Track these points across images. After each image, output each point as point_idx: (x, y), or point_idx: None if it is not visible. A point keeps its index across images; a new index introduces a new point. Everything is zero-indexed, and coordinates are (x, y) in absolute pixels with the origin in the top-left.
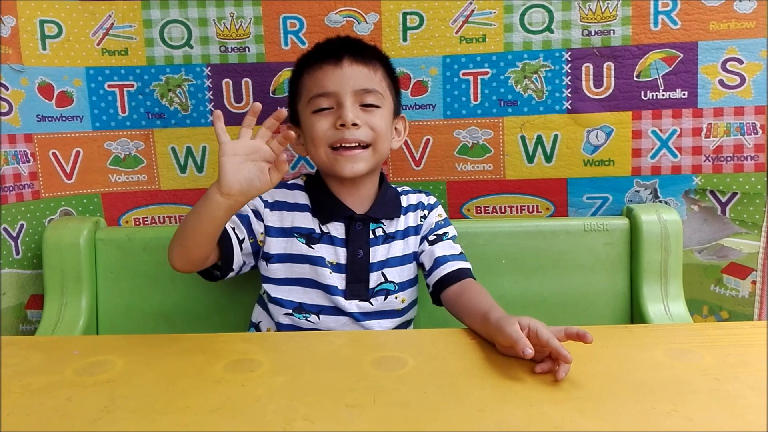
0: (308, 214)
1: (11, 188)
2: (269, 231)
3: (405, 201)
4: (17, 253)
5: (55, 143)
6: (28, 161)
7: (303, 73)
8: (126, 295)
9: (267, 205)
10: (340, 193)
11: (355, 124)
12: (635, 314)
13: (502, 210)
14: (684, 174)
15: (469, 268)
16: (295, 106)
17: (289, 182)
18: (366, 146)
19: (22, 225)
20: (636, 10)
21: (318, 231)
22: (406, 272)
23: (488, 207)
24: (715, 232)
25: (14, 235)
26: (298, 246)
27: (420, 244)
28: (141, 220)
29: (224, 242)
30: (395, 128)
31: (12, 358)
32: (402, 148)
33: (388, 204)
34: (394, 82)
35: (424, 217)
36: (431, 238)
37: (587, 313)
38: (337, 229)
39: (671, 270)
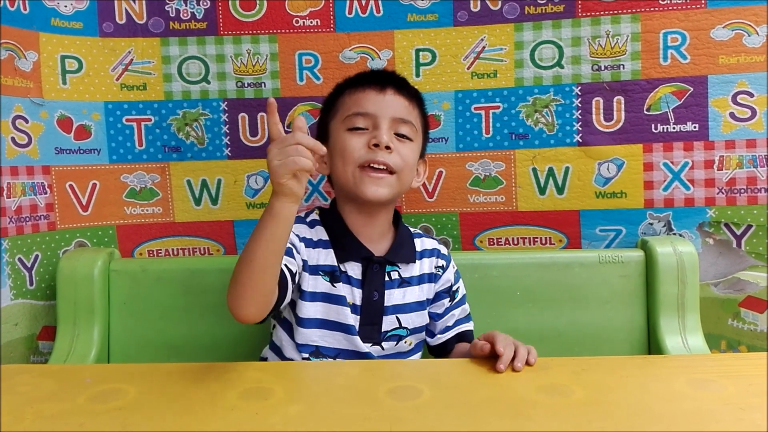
0: (330, 251)
1: (27, 219)
2: (304, 266)
3: (419, 245)
4: (31, 284)
5: (72, 175)
6: (45, 193)
7: (344, 93)
8: (138, 326)
9: (300, 239)
10: (356, 226)
11: (388, 147)
12: (653, 347)
13: (515, 242)
14: (697, 206)
15: (472, 330)
16: (326, 123)
17: (307, 219)
18: (392, 173)
19: (37, 256)
20: (645, 45)
21: (339, 270)
22: (420, 318)
23: (501, 238)
24: (731, 265)
25: (29, 265)
26: (323, 284)
27: (437, 298)
28: (155, 252)
29: (281, 279)
30: (417, 169)
31: (24, 385)
32: None
33: (404, 247)
34: (425, 124)
35: (442, 268)
36: (452, 293)
37: (604, 346)
38: (354, 269)
39: (688, 302)
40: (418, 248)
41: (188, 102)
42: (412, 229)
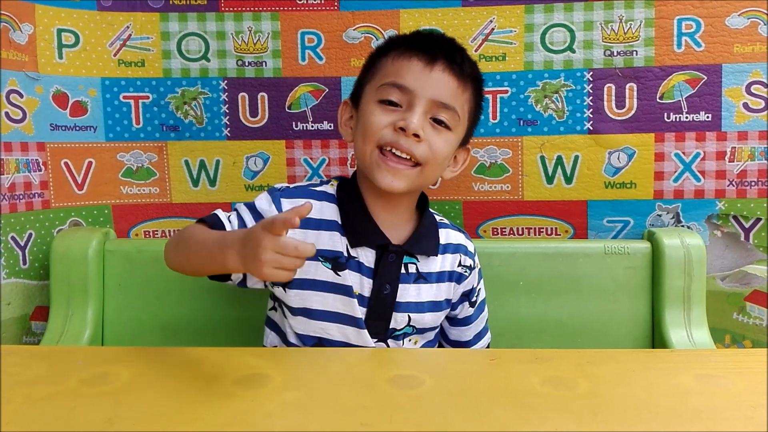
0: (336, 234)
1: (21, 197)
2: None
3: (444, 236)
4: (24, 263)
5: (67, 153)
6: (40, 170)
7: (389, 54)
8: (133, 308)
9: None
10: (375, 208)
11: (416, 135)
12: (657, 341)
13: (520, 232)
14: (707, 198)
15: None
16: (363, 83)
17: (317, 188)
18: (416, 164)
19: (30, 234)
20: (659, 31)
21: (345, 255)
22: (433, 319)
23: (505, 228)
24: (738, 259)
25: (22, 244)
26: (323, 272)
27: (460, 301)
28: (151, 233)
29: None
30: (455, 157)
31: (14, 366)
32: None
33: (426, 237)
34: (477, 109)
35: (469, 268)
36: (473, 300)
37: (607, 338)
38: (367, 256)
39: (694, 296)
40: (442, 240)
41: (187, 80)
42: (438, 218)
